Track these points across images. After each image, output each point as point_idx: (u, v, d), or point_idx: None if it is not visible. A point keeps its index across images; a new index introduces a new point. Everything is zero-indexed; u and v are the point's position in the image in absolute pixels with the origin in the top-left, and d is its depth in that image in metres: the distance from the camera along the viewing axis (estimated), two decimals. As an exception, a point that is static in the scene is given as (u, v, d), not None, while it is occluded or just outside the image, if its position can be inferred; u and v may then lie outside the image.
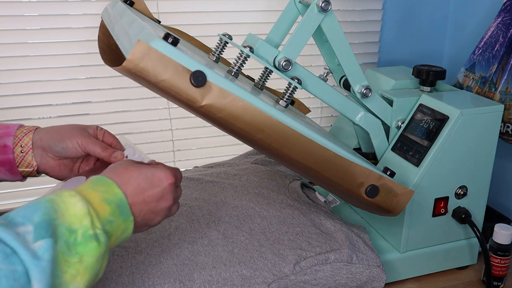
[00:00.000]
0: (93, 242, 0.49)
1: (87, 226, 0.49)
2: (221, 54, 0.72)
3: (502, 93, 0.92)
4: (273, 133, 0.61)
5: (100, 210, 0.52)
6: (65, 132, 0.67)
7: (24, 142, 0.66)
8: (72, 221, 0.49)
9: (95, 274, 0.50)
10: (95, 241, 0.49)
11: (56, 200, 0.49)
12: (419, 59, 1.26)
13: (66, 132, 0.67)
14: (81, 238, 0.48)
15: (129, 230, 0.56)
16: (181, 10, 1.10)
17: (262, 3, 1.14)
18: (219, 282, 0.69)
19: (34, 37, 1.03)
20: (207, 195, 0.89)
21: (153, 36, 0.54)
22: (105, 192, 0.54)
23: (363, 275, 0.76)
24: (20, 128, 0.67)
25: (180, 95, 0.55)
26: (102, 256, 0.51)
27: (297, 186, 0.94)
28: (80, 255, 0.48)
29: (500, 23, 0.94)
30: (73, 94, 1.09)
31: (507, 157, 1.04)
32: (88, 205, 0.51)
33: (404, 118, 0.87)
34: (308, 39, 0.73)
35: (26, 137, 0.67)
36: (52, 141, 0.67)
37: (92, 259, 0.49)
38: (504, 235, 0.83)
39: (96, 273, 0.51)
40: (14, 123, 0.69)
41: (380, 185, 0.70)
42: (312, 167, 0.66)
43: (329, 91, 0.79)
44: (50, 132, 0.67)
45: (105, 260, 0.52)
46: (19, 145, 0.66)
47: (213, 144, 1.22)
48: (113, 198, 0.54)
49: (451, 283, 0.87)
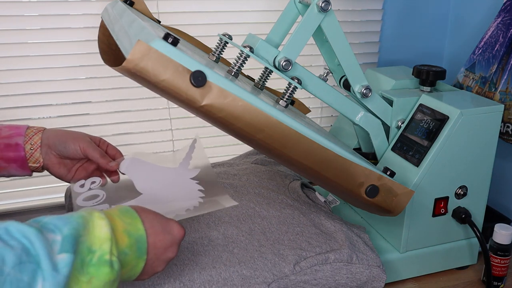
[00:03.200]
0: (106, 268, 0.50)
1: (105, 251, 0.51)
2: (221, 54, 0.72)
3: (502, 93, 0.92)
4: (273, 133, 0.61)
5: (120, 239, 0.54)
6: (70, 135, 0.75)
7: (34, 141, 0.74)
8: (94, 242, 0.51)
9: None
10: (108, 266, 0.51)
11: (86, 218, 0.52)
12: (419, 59, 1.26)
13: (71, 135, 0.75)
14: (96, 260, 0.50)
15: (138, 269, 0.57)
16: (181, 10, 1.10)
17: (262, 3, 1.14)
18: (219, 282, 0.69)
19: (34, 37, 1.03)
20: (207, 195, 0.89)
21: (153, 36, 0.54)
22: (129, 225, 0.56)
23: (363, 275, 0.76)
24: (30, 128, 0.74)
25: (180, 95, 0.55)
26: (111, 283, 0.51)
27: (297, 186, 0.94)
28: (90, 276, 0.49)
29: (500, 23, 0.94)
30: (73, 94, 1.09)
31: (507, 157, 1.04)
32: (112, 232, 0.53)
33: (404, 118, 0.87)
34: (308, 39, 0.73)
35: (36, 136, 0.74)
36: (57, 141, 0.74)
37: (100, 283, 0.50)
38: (504, 235, 0.83)
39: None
40: (22, 124, 0.75)
41: (380, 185, 0.70)
42: (312, 167, 0.66)
43: (329, 91, 0.79)
44: (56, 133, 0.75)
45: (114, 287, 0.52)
46: (29, 143, 0.73)
47: (213, 144, 1.22)
48: (134, 232, 0.56)
49: (451, 283, 0.87)
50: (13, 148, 0.72)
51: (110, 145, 0.80)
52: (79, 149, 0.75)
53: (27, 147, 0.73)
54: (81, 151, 0.75)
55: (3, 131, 0.73)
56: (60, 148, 0.74)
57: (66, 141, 0.74)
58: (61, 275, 0.46)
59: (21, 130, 0.74)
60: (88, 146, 0.75)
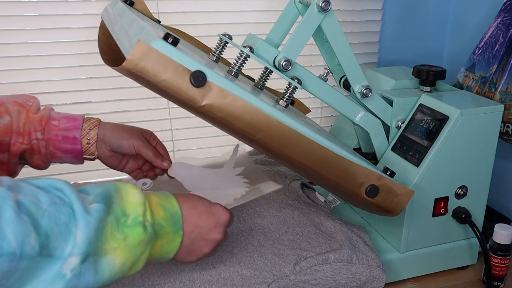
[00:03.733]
0: (140, 227, 0.53)
1: (138, 213, 0.54)
2: (221, 54, 0.72)
3: (502, 93, 0.92)
4: (273, 133, 0.61)
5: (155, 211, 0.57)
6: (125, 133, 0.79)
7: (91, 136, 0.78)
8: (127, 207, 0.54)
9: (134, 258, 0.53)
10: (142, 227, 0.53)
11: (119, 186, 0.56)
12: (419, 59, 1.26)
13: (126, 132, 0.79)
14: (131, 222, 0.53)
15: (175, 244, 0.59)
16: (181, 10, 1.10)
17: (262, 3, 1.14)
18: (219, 282, 0.69)
19: (34, 37, 1.03)
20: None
21: (153, 36, 0.54)
22: (164, 200, 0.60)
23: (363, 275, 0.76)
24: (86, 122, 0.78)
25: (180, 95, 0.55)
26: (145, 243, 0.54)
27: (297, 186, 0.94)
28: (126, 234, 0.52)
29: (500, 23, 0.94)
30: (73, 94, 1.09)
31: (507, 157, 1.04)
32: (145, 199, 0.56)
33: (404, 118, 0.87)
34: (308, 39, 0.73)
35: (93, 131, 0.78)
36: (113, 137, 0.78)
37: (135, 241, 0.53)
38: (504, 235, 0.83)
39: (136, 258, 0.53)
40: (78, 115, 0.79)
41: (380, 185, 0.70)
42: (312, 167, 0.66)
43: (329, 91, 0.79)
44: (111, 129, 0.79)
45: (146, 252, 0.55)
46: (86, 138, 0.77)
47: (213, 144, 1.22)
48: (169, 207, 0.59)
49: (451, 283, 0.87)
50: (70, 140, 0.76)
51: (159, 142, 0.85)
52: (133, 148, 0.79)
53: (84, 141, 0.77)
54: (135, 149, 0.79)
55: (61, 122, 0.76)
56: (115, 145, 0.79)
57: (121, 139, 0.78)
58: (92, 217, 0.48)
59: (78, 123, 0.77)
60: (142, 146, 0.79)
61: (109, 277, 0.51)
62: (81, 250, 0.47)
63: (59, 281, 0.46)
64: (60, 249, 0.46)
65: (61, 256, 0.46)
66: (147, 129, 0.84)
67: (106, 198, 0.52)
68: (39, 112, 0.76)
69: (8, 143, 0.73)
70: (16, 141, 0.74)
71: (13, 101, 0.75)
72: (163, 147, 0.84)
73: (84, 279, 0.48)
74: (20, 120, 0.74)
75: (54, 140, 0.76)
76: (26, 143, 0.74)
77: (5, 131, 0.73)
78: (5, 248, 0.41)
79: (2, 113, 0.73)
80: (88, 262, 0.48)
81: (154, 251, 0.57)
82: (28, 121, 0.74)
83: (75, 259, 0.46)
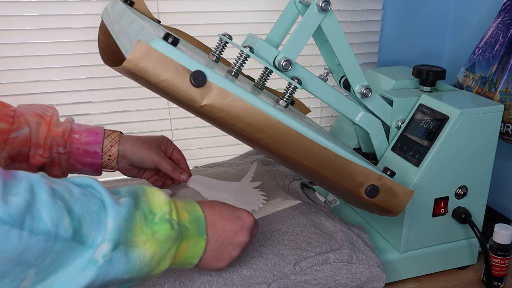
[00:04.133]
0: (167, 224, 0.55)
1: (165, 211, 0.56)
2: (221, 54, 0.72)
3: (502, 93, 0.93)
4: (273, 133, 0.61)
5: (180, 213, 0.59)
6: (144, 148, 0.83)
7: (112, 152, 0.80)
8: (154, 206, 0.55)
9: (162, 253, 0.54)
10: (169, 224, 0.55)
11: (145, 187, 0.58)
12: (419, 59, 1.26)
13: (145, 148, 0.83)
14: (158, 219, 0.55)
15: (200, 248, 0.60)
16: (181, 10, 1.10)
17: (262, 3, 1.14)
18: (219, 282, 0.69)
19: (34, 37, 1.03)
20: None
21: (153, 36, 0.54)
22: (188, 205, 0.61)
23: (363, 275, 0.76)
24: (107, 138, 0.80)
25: (180, 95, 0.55)
26: (172, 239, 0.55)
27: (297, 186, 0.94)
28: (154, 230, 0.54)
29: (500, 23, 0.95)
30: (73, 94, 1.09)
31: (507, 157, 1.04)
32: (171, 201, 0.58)
33: (404, 118, 0.87)
34: (308, 39, 0.73)
35: (114, 148, 0.80)
36: (133, 155, 0.82)
37: (163, 236, 0.54)
38: (504, 235, 0.83)
39: (164, 253, 0.55)
40: (98, 127, 0.81)
41: (380, 185, 0.70)
42: (312, 167, 0.66)
43: (329, 91, 0.79)
44: (132, 145, 0.82)
45: (173, 249, 0.56)
46: (107, 154, 0.80)
47: (213, 144, 1.22)
48: (193, 211, 0.61)
49: (451, 283, 0.87)
50: (91, 155, 0.79)
51: (175, 148, 0.88)
52: (152, 163, 0.83)
53: (105, 157, 0.80)
54: (154, 164, 0.83)
55: (82, 136, 0.78)
56: (135, 161, 0.83)
57: (141, 155, 0.82)
58: (121, 207, 0.51)
59: (99, 137, 0.79)
60: (161, 161, 0.83)
61: (139, 268, 0.52)
62: (112, 237, 0.48)
63: (91, 267, 0.47)
64: (92, 237, 0.47)
65: (92, 244, 0.47)
66: (163, 137, 0.88)
67: (133, 194, 0.55)
68: (61, 126, 0.77)
69: (27, 154, 0.75)
70: (35, 153, 0.75)
71: (32, 112, 0.76)
72: (180, 153, 0.88)
73: (115, 266, 0.49)
74: (39, 132, 0.75)
75: (75, 153, 0.78)
76: (47, 156, 0.75)
77: (24, 142, 0.74)
78: (41, 227, 0.43)
79: (22, 124, 0.74)
80: (119, 250, 0.49)
81: (180, 253, 0.58)
82: (50, 136, 0.75)
83: (106, 245, 0.48)
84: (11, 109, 0.75)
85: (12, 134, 0.73)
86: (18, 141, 0.73)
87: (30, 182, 0.45)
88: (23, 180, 0.44)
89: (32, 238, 0.42)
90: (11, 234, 0.41)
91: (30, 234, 0.42)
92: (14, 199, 0.42)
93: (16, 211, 0.42)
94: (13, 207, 0.41)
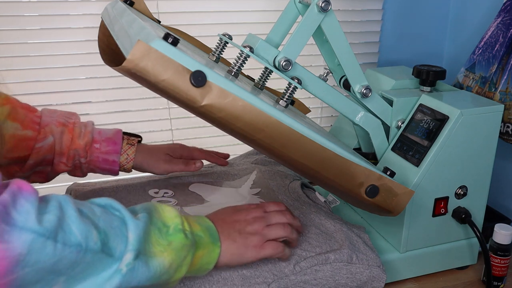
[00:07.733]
0: (181, 234, 0.59)
1: (177, 223, 0.59)
2: (221, 54, 0.72)
3: (502, 93, 0.93)
4: (273, 133, 0.61)
5: (192, 224, 0.62)
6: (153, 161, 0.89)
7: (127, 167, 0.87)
8: (166, 220, 0.59)
9: (179, 260, 0.58)
10: (182, 233, 0.59)
11: (155, 204, 0.61)
12: (419, 59, 1.26)
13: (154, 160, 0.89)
14: (172, 231, 0.58)
15: (214, 255, 0.64)
16: (181, 10, 1.10)
17: (262, 3, 1.14)
18: (219, 282, 0.69)
19: (34, 37, 1.03)
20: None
21: (153, 36, 0.54)
22: (198, 218, 0.65)
23: (363, 275, 0.76)
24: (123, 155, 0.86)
25: (180, 95, 0.55)
26: (187, 247, 0.59)
27: (297, 186, 0.94)
28: (170, 241, 0.57)
29: (500, 23, 0.95)
30: (73, 94, 1.09)
31: (507, 157, 1.04)
32: (181, 215, 0.61)
33: (404, 118, 0.87)
34: (308, 39, 0.73)
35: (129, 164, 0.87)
36: (146, 165, 0.89)
37: (179, 245, 0.58)
38: (504, 235, 0.83)
39: (180, 261, 0.58)
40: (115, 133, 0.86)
41: (380, 185, 0.70)
42: (312, 167, 0.66)
43: (329, 91, 0.79)
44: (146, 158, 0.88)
45: (189, 256, 0.59)
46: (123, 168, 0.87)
47: (213, 144, 1.22)
48: (203, 223, 0.65)
49: (451, 283, 0.87)
50: (110, 163, 0.85)
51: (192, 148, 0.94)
52: (164, 171, 0.90)
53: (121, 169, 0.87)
54: (166, 172, 0.90)
55: (102, 145, 0.84)
56: (149, 171, 0.90)
57: (153, 167, 0.89)
58: (139, 220, 0.55)
59: (117, 147, 0.85)
60: (172, 167, 0.90)
61: (159, 275, 0.56)
62: (133, 247, 0.53)
63: (116, 275, 0.51)
64: (119, 250, 0.52)
65: (119, 256, 0.52)
66: (174, 144, 0.93)
67: (146, 210, 0.59)
68: (83, 138, 0.83)
69: (51, 160, 0.81)
70: (59, 161, 0.81)
71: (56, 121, 0.81)
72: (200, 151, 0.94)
73: (137, 274, 0.53)
74: (62, 141, 0.81)
75: (95, 161, 0.84)
76: (70, 165, 0.82)
77: (49, 150, 0.80)
78: (73, 240, 0.48)
79: (47, 134, 0.80)
80: (140, 259, 0.53)
81: (196, 261, 0.61)
82: (73, 148, 0.82)
83: (129, 255, 0.52)
84: (37, 115, 0.80)
85: (38, 144, 0.78)
86: (44, 150, 0.79)
87: (59, 201, 0.50)
88: (53, 199, 0.50)
89: (65, 250, 0.47)
90: (46, 246, 0.46)
91: (64, 246, 0.47)
92: (47, 216, 0.47)
93: (49, 225, 0.46)
94: (47, 222, 0.46)
